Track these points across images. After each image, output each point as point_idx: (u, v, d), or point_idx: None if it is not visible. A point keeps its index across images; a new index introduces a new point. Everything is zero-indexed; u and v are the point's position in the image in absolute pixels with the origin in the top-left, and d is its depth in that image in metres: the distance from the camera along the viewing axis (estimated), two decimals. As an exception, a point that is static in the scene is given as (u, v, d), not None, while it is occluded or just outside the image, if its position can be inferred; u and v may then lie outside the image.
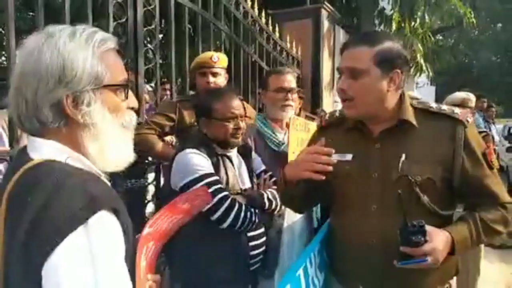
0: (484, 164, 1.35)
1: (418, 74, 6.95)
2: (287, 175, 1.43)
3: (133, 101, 0.96)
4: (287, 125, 2.32)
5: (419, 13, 6.25)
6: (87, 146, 0.87)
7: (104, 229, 0.77)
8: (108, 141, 0.89)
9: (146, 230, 1.03)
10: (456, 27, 9.00)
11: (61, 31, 0.86)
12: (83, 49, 0.85)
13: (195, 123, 2.34)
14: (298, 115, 2.83)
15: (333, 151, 1.32)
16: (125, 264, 0.81)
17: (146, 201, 2.68)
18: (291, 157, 2.11)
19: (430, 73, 7.15)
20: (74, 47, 0.84)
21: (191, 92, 2.96)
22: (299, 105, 3.22)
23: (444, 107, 1.42)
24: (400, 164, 1.35)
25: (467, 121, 1.36)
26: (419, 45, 6.27)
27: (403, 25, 6.29)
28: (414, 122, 1.38)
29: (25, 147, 0.90)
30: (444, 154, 1.34)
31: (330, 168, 1.30)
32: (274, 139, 2.25)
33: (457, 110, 1.40)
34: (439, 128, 1.37)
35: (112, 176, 2.52)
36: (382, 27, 6.60)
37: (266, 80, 2.38)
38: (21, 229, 0.74)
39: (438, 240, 1.22)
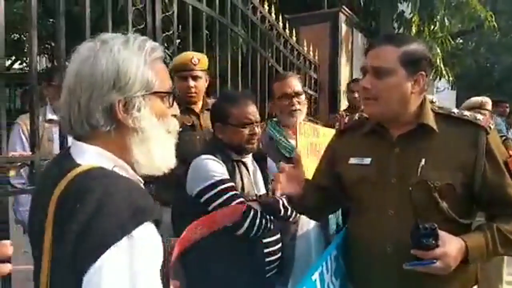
0: (506, 173, 1.32)
1: (438, 78, 6.83)
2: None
3: (176, 109, 0.99)
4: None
5: (438, 17, 6.15)
6: (134, 150, 0.90)
7: (147, 241, 0.79)
8: (155, 146, 0.92)
9: (181, 237, 1.04)
10: (476, 30, 8.82)
11: (114, 39, 0.90)
12: (136, 56, 0.89)
13: (179, 128, 2.34)
14: None
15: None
16: (159, 275, 0.82)
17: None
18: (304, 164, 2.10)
19: (450, 78, 7.01)
20: (128, 54, 0.88)
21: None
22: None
23: (466, 113, 1.40)
24: (419, 169, 1.32)
25: (490, 127, 1.33)
26: (438, 49, 6.16)
27: (422, 28, 6.20)
28: (435, 127, 1.36)
29: (67, 151, 0.92)
30: (465, 160, 1.32)
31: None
32: (286, 145, 2.23)
33: (479, 116, 1.37)
34: (461, 134, 1.34)
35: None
36: (401, 30, 6.50)
37: (271, 89, 2.38)
38: (69, 236, 0.76)
39: (450, 245, 1.20)
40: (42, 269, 0.79)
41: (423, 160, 1.33)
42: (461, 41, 13.47)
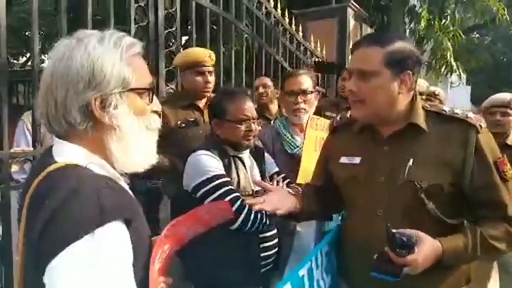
0: (495, 173, 1.29)
1: (449, 73, 6.73)
2: None
3: (157, 105, 0.99)
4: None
5: (449, 11, 6.05)
6: (112, 148, 0.90)
7: (111, 241, 0.78)
8: (133, 143, 0.92)
9: (163, 234, 1.05)
10: (492, 25, 8.65)
11: (90, 36, 0.90)
12: (111, 53, 0.88)
13: (182, 124, 2.33)
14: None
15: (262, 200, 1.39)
16: (129, 275, 0.82)
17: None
18: (309, 156, 2.12)
19: (462, 73, 6.89)
20: (104, 51, 0.88)
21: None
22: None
23: (457, 110, 1.38)
24: (406, 169, 1.31)
25: (481, 126, 1.31)
26: (449, 43, 6.06)
27: (433, 23, 6.11)
28: (424, 126, 1.34)
29: (50, 148, 0.93)
30: (454, 159, 1.29)
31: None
32: (290, 141, 2.24)
33: (470, 114, 1.35)
34: (451, 132, 1.32)
35: (131, 177, 2.57)
36: (412, 25, 6.43)
37: (282, 81, 2.38)
38: (35, 231, 0.76)
39: (422, 252, 1.18)
40: (19, 265, 0.81)
41: (411, 160, 1.31)
42: (477, 35, 13.22)
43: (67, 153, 0.88)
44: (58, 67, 0.87)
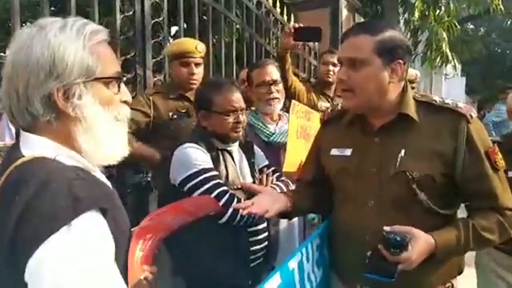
0: (486, 163, 1.27)
1: (444, 64, 6.70)
2: None
3: (126, 94, 0.96)
4: (280, 116, 2.32)
5: (443, 1, 6.01)
6: (79, 140, 0.87)
7: (88, 231, 0.76)
8: (101, 135, 0.88)
9: (143, 224, 1.03)
10: (486, 16, 8.62)
11: (51, 24, 0.86)
12: (73, 41, 0.85)
13: (174, 116, 2.30)
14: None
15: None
16: (113, 264, 0.80)
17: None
18: (292, 144, 2.11)
19: (457, 64, 6.87)
20: (65, 39, 0.84)
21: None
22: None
23: (448, 100, 1.35)
24: (398, 160, 1.30)
25: (471, 115, 1.29)
26: (444, 34, 6.02)
27: (427, 13, 6.06)
28: (415, 117, 1.32)
29: (17, 142, 0.89)
30: (445, 149, 1.28)
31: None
32: (264, 130, 2.25)
33: (461, 104, 1.33)
34: (441, 123, 1.30)
35: (121, 170, 2.51)
36: (406, 15, 6.38)
37: (249, 76, 2.37)
38: (7, 228, 0.73)
39: (416, 250, 1.18)
40: None
41: (403, 151, 1.30)
42: (471, 26, 13.20)
43: (34, 146, 0.85)
44: (19, 57, 0.84)
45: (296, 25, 2.61)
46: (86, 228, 0.75)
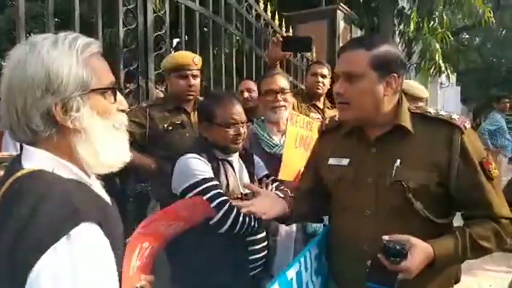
0: (481, 173, 1.31)
1: (437, 74, 6.79)
2: None
3: (122, 103, 0.97)
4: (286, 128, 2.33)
5: (437, 13, 6.11)
6: (80, 151, 0.89)
7: (87, 241, 0.77)
8: (101, 144, 0.90)
9: (138, 231, 1.04)
10: (481, 26, 8.76)
11: (43, 40, 0.87)
12: (66, 56, 0.86)
13: (169, 128, 2.35)
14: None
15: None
16: (113, 272, 0.82)
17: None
18: (289, 153, 2.14)
19: (450, 74, 6.96)
20: (57, 54, 0.85)
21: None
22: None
23: (442, 112, 1.40)
24: (394, 170, 1.33)
25: (465, 127, 1.33)
26: (438, 45, 6.12)
27: (421, 25, 6.16)
28: (410, 128, 1.36)
29: (19, 155, 0.91)
30: (440, 160, 1.31)
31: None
32: (268, 141, 2.27)
33: (455, 115, 1.37)
34: (436, 134, 1.34)
35: (123, 179, 2.53)
36: (401, 27, 6.47)
37: (258, 86, 2.42)
38: (6, 241, 0.75)
39: (415, 259, 1.21)
40: None
41: (398, 161, 1.33)
42: (466, 36, 13.34)
43: (34, 158, 0.86)
44: (14, 75, 0.85)
45: (285, 34, 2.62)
46: (85, 238, 0.77)
